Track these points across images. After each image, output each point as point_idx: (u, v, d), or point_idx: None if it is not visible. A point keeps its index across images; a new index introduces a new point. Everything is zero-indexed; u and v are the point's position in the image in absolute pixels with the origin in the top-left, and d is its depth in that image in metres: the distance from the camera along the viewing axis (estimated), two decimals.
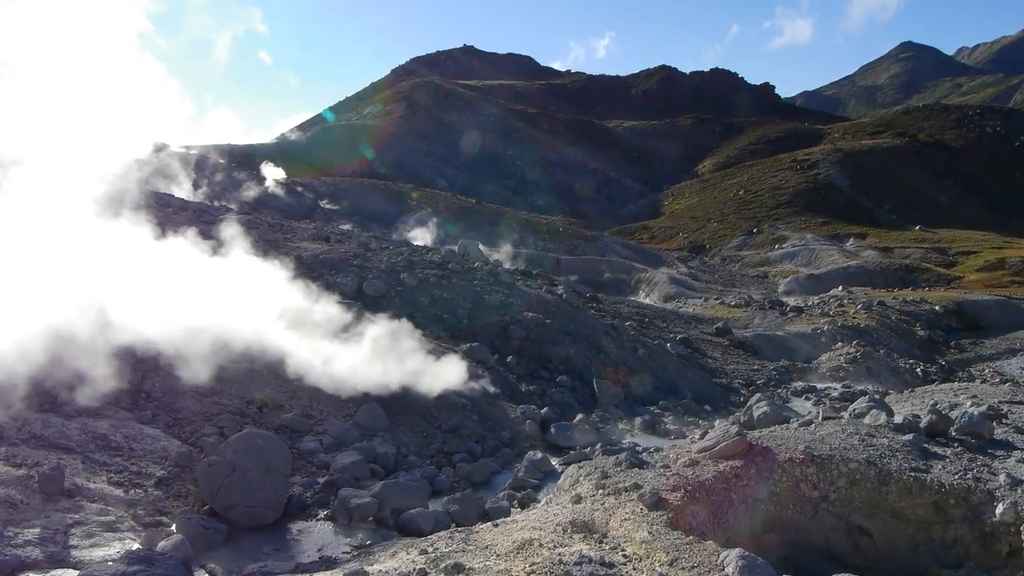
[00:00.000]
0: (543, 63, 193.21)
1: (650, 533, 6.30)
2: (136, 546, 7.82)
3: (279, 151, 70.73)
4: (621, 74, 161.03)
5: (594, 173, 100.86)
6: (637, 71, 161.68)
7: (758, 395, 17.94)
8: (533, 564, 5.78)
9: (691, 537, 6.24)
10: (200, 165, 47.78)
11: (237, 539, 8.87)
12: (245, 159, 61.96)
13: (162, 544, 7.79)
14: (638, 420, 16.20)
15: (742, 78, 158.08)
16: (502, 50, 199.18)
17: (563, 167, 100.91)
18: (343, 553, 8.73)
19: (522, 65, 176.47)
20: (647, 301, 37.36)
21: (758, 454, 7.77)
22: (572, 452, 13.33)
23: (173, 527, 8.50)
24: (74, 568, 7.10)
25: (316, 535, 9.34)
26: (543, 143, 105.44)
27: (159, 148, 39.54)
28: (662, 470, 7.80)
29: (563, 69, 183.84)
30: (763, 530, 7.42)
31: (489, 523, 7.67)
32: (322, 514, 9.82)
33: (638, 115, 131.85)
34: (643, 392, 18.42)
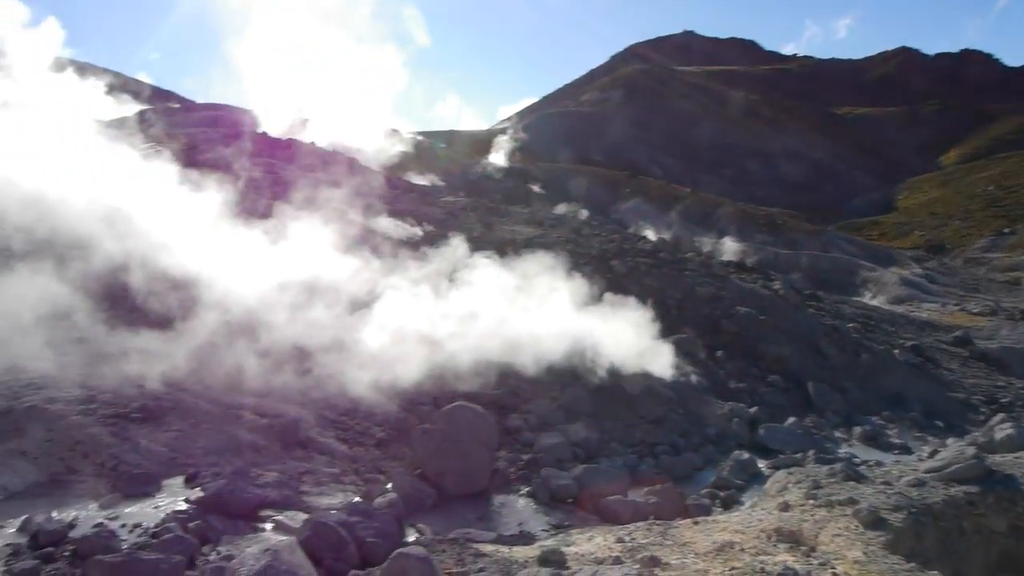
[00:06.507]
0: (774, 46, 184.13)
1: (865, 554, 5.86)
2: (356, 499, 8.50)
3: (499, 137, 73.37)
4: (855, 57, 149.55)
5: (819, 164, 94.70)
6: (873, 54, 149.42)
7: (1001, 415, 15.99)
8: (733, 568, 5.59)
9: (912, 564, 5.74)
10: (422, 149, 50.73)
11: (444, 504, 9.39)
12: (466, 145, 64.93)
13: (378, 500, 8.40)
14: (857, 430, 15.13)
15: (997, 60, 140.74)
16: (724, 34, 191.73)
17: (785, 157, 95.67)
18: (542, 530, 8.96)
19: (745, 49, 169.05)
20: (874, 303, 34.73)
21: (999, 482, 6.99)
22: (781, 456, 12.75)
23: (389, 485, 9.15)
24: (304, 511, 7.86)
25: (517, 509, 9.66)
26: (765, 131, 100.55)
27: (391, 133, 42.46)
28: (883, 487, 7.22)
29: (795, 52, 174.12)
30: (999, 566, 6.68)
31: (689, 519, 7.51)
32: (524, 490, 10.14)
33: (872, 102, 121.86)
34: (865, 400, 17.13)
